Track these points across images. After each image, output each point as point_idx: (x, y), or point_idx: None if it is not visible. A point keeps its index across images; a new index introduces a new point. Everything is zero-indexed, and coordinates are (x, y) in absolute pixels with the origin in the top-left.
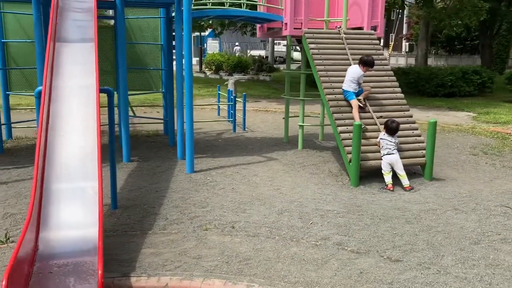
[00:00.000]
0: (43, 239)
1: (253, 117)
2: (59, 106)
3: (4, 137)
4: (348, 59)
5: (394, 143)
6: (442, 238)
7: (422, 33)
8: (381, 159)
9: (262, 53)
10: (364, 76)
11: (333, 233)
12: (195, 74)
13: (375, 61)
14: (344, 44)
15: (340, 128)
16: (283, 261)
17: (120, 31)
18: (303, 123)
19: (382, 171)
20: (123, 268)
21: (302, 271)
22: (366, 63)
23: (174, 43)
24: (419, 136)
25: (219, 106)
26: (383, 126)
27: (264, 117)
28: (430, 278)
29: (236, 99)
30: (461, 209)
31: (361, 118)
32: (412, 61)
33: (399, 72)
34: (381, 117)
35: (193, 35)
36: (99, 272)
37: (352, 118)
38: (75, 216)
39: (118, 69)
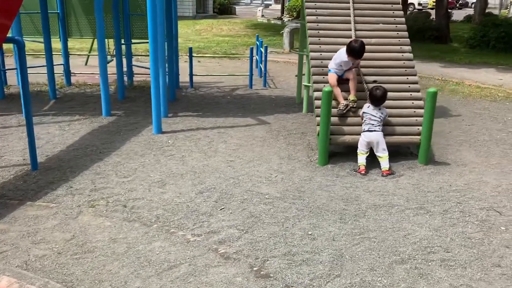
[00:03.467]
0: None
1: (294, 72)
2: None
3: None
4: (349, 9)
5: (379, 118)
6: (363, 249)
7: None
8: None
9: None
10: (369, 24)
11: (230, 226)
12: (272, 21)
13: (386, 11)
14: None
15: (316, 94)
16: (121, 260)
17: None
18: (309, 82)
19: (358, 150)
20: None
21: (123, 280)
22: (351, 52)
23: None
24: (421, 108)
25: (256, 59)
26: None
27: None
28: None
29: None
30: (429, 209)
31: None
32: None
33: (488, 25)
34: (374, 81)
35: None
36: None
37: None
38: None
39: (95, 15)
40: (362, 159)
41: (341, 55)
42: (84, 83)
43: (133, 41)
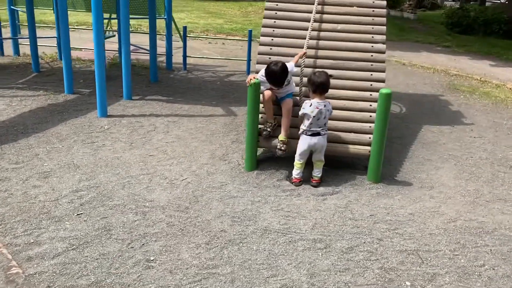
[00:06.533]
0: None
1: None
2: None
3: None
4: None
5: (324, 115)
6: None
7: None
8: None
9: None
10: (342, 6)
11: (63, 238)
12: None
13: None
14: None
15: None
16: None
17: None
18: None
19: (295, 158)
20: None
21: None
22: (267, 75)
23: None
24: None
25: None
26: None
27: None
28: None
29: None
30: (330, 243)
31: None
32: None
33: None
34: (330, 76)
35: None
36: None
37: None
38: None
39: None
40: (298, 172)
41: (262, 73)
42: (77, 58)
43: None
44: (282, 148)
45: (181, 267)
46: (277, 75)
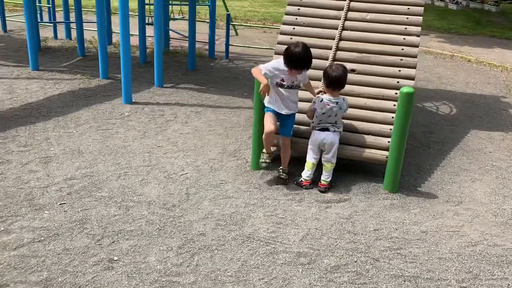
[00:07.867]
0: None
1: None
2: None
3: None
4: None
5: (336, 112)
6: None
7: None
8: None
9: None
10: None
11: (36, 228)
12: None
13: None
14: None
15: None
16: None
17: None
18: None
19: (306, 158)
20: None
21: None
22: (288, 59)
23: None
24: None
25: None
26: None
27: None
28: None
29: None
30: (316, 259)
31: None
32: None
33: None
34: (353, 70)
35: None
36: None
37: None
38: None
39: None
40: (308, 173)
41: (281, 61)
42: None
43: (172, 2)
44: (282, 176)
45: (142, 271)
46: (300, 55)
